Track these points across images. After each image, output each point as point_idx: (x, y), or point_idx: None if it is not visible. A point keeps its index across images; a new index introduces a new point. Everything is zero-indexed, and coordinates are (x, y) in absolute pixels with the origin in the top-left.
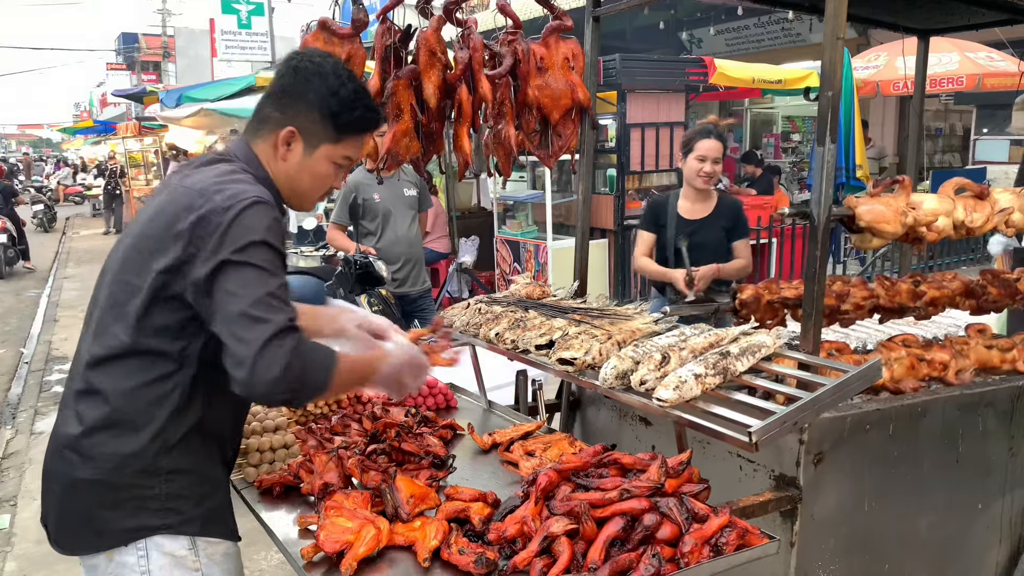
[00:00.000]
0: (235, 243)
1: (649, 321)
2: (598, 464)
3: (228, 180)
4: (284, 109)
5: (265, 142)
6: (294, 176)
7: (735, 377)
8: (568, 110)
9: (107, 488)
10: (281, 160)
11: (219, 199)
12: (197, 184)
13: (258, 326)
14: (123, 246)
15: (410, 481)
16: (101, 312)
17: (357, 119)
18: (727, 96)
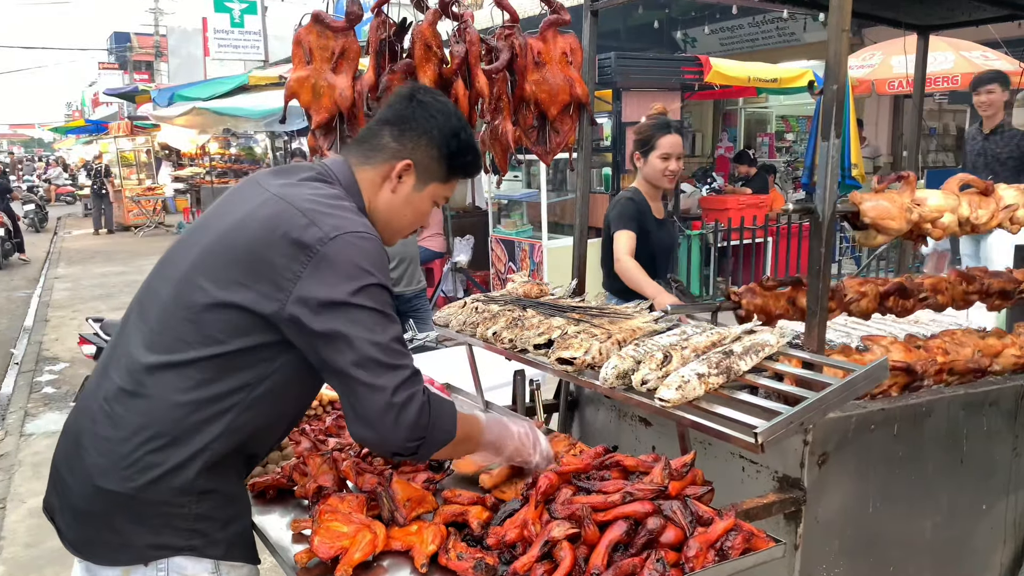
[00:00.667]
0: (353, 283)
1: (649, 320)
2: (599, 466)
3: (335, 207)
4: (404, 141)
5: (375, 170)
6: (398, 209)
7: (738, 376)
8: (566, 106)
9: (135, 502)
10: (390, 192)
11: (326, 226)
12: (300, 200)
13: (388, 373)
14: (200, 244)
15: (406, 484)
16: (164, 311)
17: (469, 163)
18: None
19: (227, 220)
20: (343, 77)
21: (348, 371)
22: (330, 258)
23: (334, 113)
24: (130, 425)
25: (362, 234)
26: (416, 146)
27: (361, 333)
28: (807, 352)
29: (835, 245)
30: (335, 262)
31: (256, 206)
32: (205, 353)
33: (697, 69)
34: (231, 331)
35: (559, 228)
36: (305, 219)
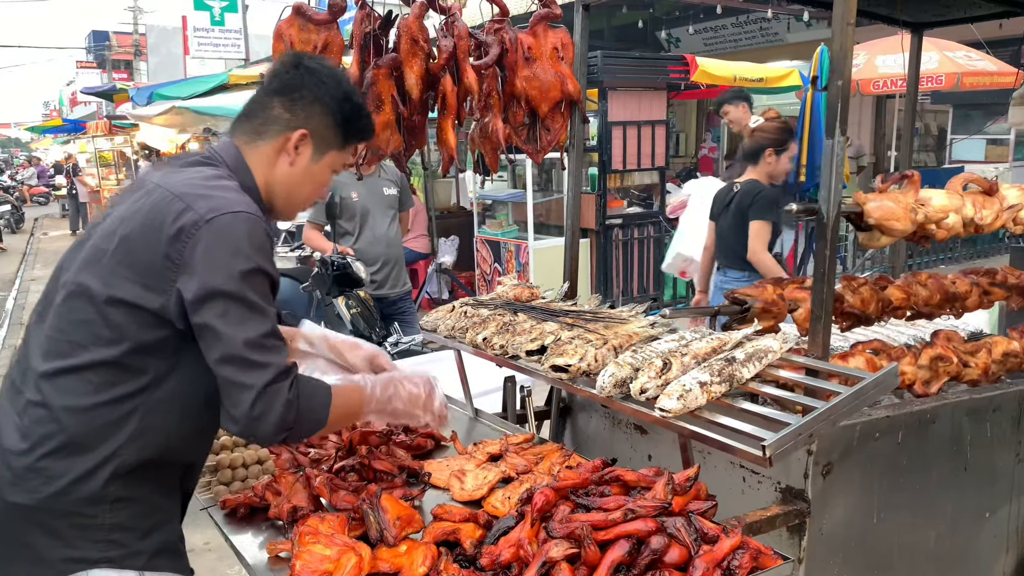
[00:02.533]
0: (227, 269)
1: (645, 324)
2: (599, 481)
3: (214, 187)
4: (296, 111)
5: (268, 145)
6: (297, 183)
7: (741, 384)
8: (557, 103)
9: (43, 513)
10: (288, 165)
11: (202, 208)
12: (178, 187)
13: (255, 372)
14: (87, 245)
15: (396, 501)
16: (58, 316)
17: (364, 126)
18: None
19: (112, 218)
20: None
21: (220, 364)
22: (206, 242)
23: None
24: (34, 435)
25: (240, 213)
26: (310, 114)
27: (229, 329)
28: (811, 358)
29: None
30: (211, 247)
31: (137, 199)
32: (100, 356)
33: (683, 68)
34: (124, 330)
35: (545, 229)
36: (181, 203)
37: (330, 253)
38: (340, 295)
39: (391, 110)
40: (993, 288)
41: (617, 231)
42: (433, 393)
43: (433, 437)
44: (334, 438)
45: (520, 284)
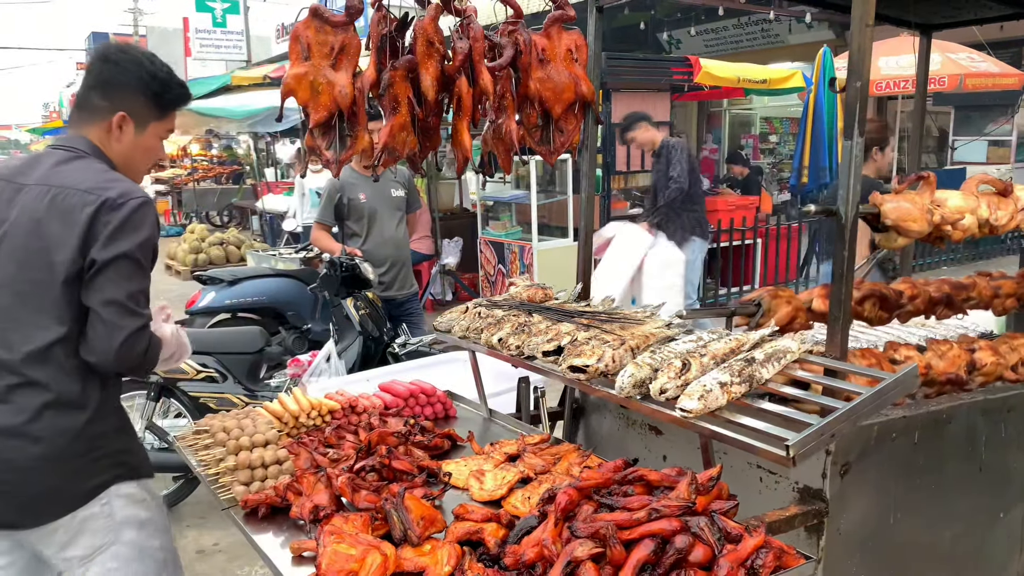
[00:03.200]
0: (131, 239)
1: (661, 325)
2: (621, 481)
3: (112, 177)
4: (111, 97)
5: (98, 128)
6: (129, 154)
7: (761, 385)
8: (571, 104)
9: (65, 460)
10: (116, 142)
11: (112, 194)
12: (80, 182)
13: (131, 317)
14: (7, 248)
15: (419, 501)
16: (7, 312)
17: (177, 95)
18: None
19: (23, 222)
20: (343, 74)
21: (102, 307)
22: (119, 220)
23: (333, 111)
24: (34, 406)
25: (142, 197)
26: (123, 98)
27: (123, 281)
28: (830, 359)
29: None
30: (123, 222)
31: (45, 200)
32: (66, 328)
33: (687, 70)
34: (75, 302)
35: (548, 230)
36: (92, 194)
37: (338, 254)
38: (348, 296)
39: (407, 112)
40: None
41: None
42: (181, 338)
43: (450, 437)
44: (352, 438)
45: (533, 285)
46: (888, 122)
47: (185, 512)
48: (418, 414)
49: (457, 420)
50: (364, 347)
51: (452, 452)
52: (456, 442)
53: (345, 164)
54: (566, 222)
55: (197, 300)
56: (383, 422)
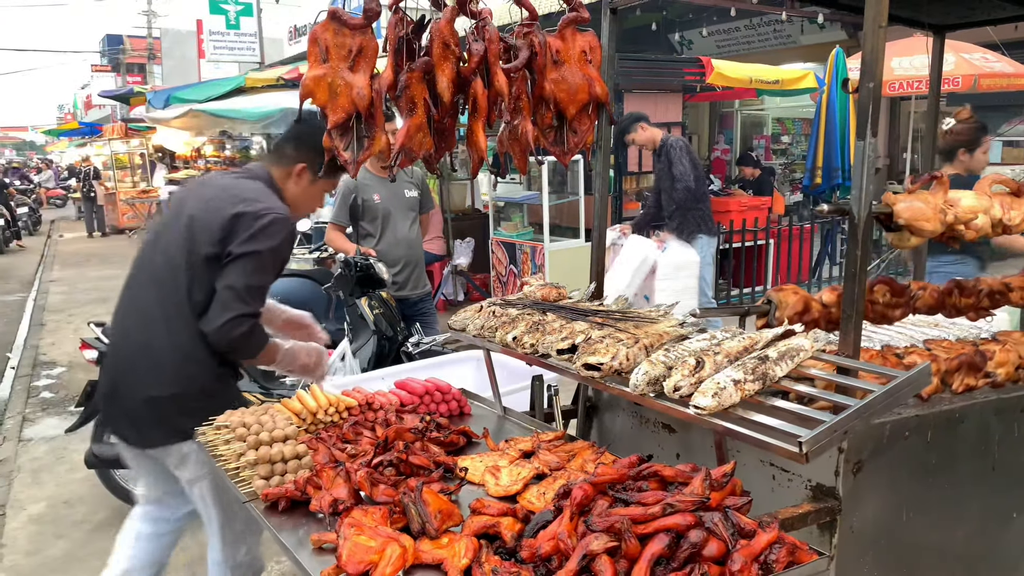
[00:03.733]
0: (264, 243)
1: (675, 324)
2: (636, 476)
3: (264, 194)
4: (299, 151)
5: (282, 170)
6: (298, 197)
7: (774, 383)
8: (585, 105)
9: (181, 405)
10: (293, 185)
11: (259, 206)
12: (239, 192)
13: (240, 304)
14: (177, 229)
15: (436, 495)
16: (170, 274)
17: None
18: (720, 97)
19: (189, 215)
20: (360, 76)
21: (225, 288)
22: (257, 227)
23: (351, 113)
24: (174, 354)
25: (279, 214)
26: (307, 154)
27: (247, 274)
28: (843, 357)
29: (836, 248)
30: (260, 230)
31: (208, 199)
32: (198, 302)
33: (699, 71)
34: (207, 283)
35: (559, 231)
36: (244, 202)
37: (352, 254)
38: (363, 296)
39: (423, 113)
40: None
41: None
42: (321, 360)
43: (466, 434)
44: (369, 434)
45: (547, 284)
46: (983, 123)
47: None
48: (433, 411)
49: (472, 417)
50: (378, 346)
51: (467, 448)
52: (471, 439)
53: (362, 164)
54: (578, 223)
55: None
56: (399, 419)
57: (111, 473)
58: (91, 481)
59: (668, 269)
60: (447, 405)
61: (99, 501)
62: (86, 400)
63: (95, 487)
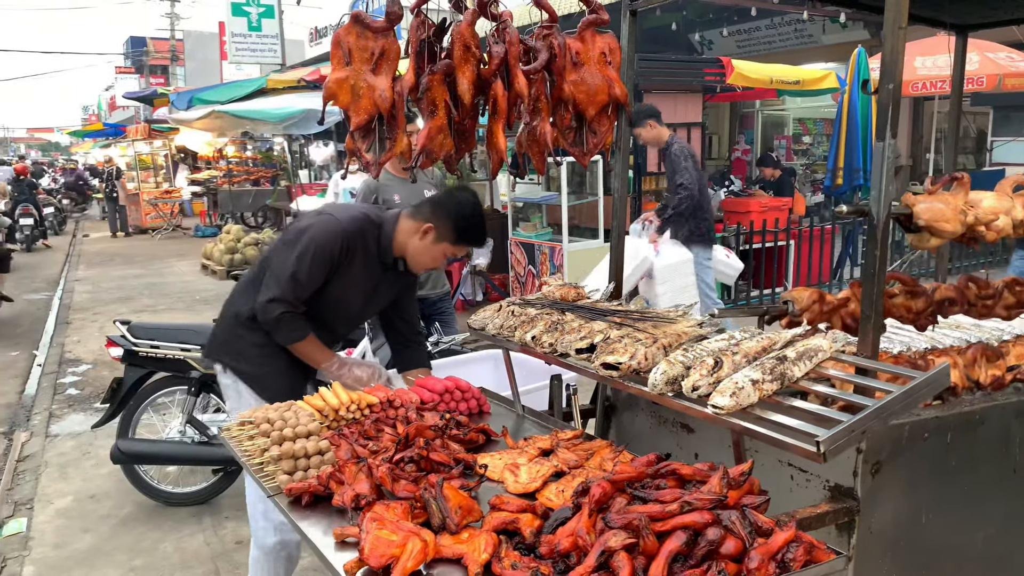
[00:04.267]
0: (307, 237)
1: (693, 324)
2: (654, 475)
3: (341, 212)
4: (434, 213)
5: (413, 223)
6: (421, 253)
7: (792, 383)
8: (604, 106)
9: (234, 343)
10: (417, 240)
11: (323, 218)
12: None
13: (275, 288)
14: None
15: (457, 491)
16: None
17: (470, 237)
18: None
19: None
20: (383, 78)
21: (270, 274)
22: (306, 232)
23: (373, 115)
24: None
25: (334, 227)
26: (438, 217)
27: (283, 265)
28: (862, 357)
29: (858, 248)
30: (305, 234)
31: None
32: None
33: (719, 71)
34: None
35: (578, 231)
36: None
37: None
38: None
39: (444, 114)
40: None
41: None
42: (375, 376)
43: (485, 432)
44: (390, 431)
45: (566, 284)
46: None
47: (224, 504)
48: (453, 409)
49: (491, 416)
50: None
51: (487, 446)
52: (490, 437)
53: (384, 165)
54: (596, 223)
55: None
56: (420, 416)
57: (136, 468)
58: (117, 476)
59: (665, 272)
60: (467, 403)
61: (124, 496)
62: (111, 396)
63: (120, 482)
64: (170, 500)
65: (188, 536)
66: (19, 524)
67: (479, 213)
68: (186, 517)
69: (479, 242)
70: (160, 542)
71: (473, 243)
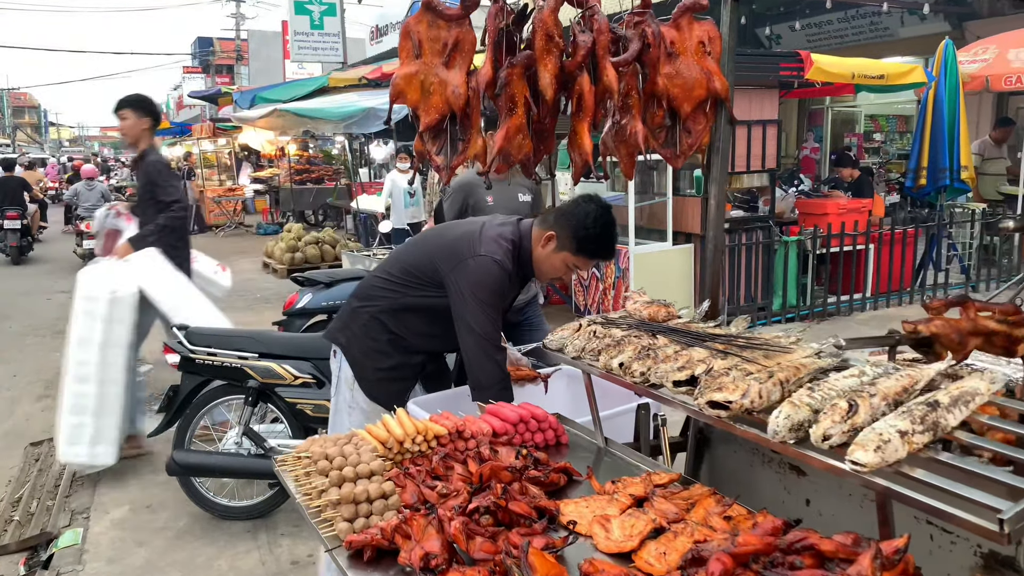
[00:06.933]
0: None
1: (810, 353)
2: (787, 549)
3: (492, 238)
4: (557, 221)
5: (539, 231)
6: (542, 261)
7: (946, 434)
8: (701, 102)
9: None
10: (540, 247)
11: (474, 248)
12: (476, 232)
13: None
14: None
15: (542, 557)
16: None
17: (592, 250)
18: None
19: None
20: (456, 72)
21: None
22: (466, 267)
23: (445, 113)
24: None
25: (488, 259)
26: (560, 226)
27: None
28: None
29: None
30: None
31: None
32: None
33: (796, 65)
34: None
35: (644, 233)
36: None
37: None
38: None
39: (524, 113)
40: None
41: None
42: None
43: (567, 471)
44: (461, 470)
45: (655, 302)
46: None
47: (280, 520)
48: (528, 441)
49: (569, 449)
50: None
51: (569, 488)
52: (572, 476)
53: (456, 169)
54: (665, 225)
55: (295, 302)
56: (493, 452)
57: (192, 480)
58: (174, 485)
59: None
60: (543, 434)
61: (181, 507)
62: (168, 404)
63: (177, 491)
64: (226, 513)
65: (244, 554)
66: (75, 535)
67: (606, 224)
68: (241, 532)
69: (604, 255)
70: (215, 559)
71: (596, 256)
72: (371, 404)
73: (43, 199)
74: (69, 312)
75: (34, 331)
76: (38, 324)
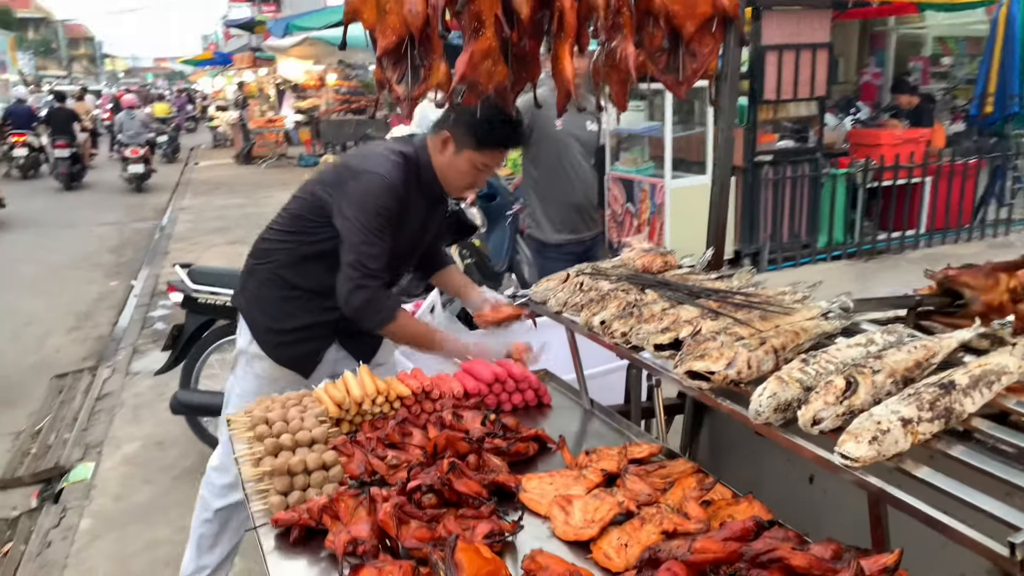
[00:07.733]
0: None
1: (816, 314)
2: (752, 560)
3: (377, 154)
4: (449, 121)
5: (433, 139)
6: (446, 169)
7: (962, 422)
8: (707, 20)
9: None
10: (439, 155)
11: (356, 168)
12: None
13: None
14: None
15: (474, 554)
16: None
17: (494, 136)
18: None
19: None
20: None
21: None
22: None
23: (403, 35)
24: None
25: (378, 175)
26: (455, 124)
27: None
28: None
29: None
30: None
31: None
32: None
33: None
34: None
35: (684, 165)
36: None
37: None
38: (453, 243)
39: (494, 34)
40: None
41: (768, 169)
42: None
43: (539, 439)
44: (419, 437)
45: (652, 250)
46: None
47: None
48: (504, 403)
49: (551, 411)
50: None
51: (539, 457)
52: (545, 444)
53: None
54: (704, 157)
55: None
56: (457, 417)
57: (199, 420)
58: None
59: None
60: (522, 395)
61: (190, 445)
62: (172, 343)
63: (187, 429)
64: None
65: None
66: (86, 469)
67: (498, 105)
68: None
69: (511, 141)
70: None
71: (502, 144)
72: (269, 371)
73: (94, 128)
74: (110, 244)
75: (74, 264)
76: (78, 256)
